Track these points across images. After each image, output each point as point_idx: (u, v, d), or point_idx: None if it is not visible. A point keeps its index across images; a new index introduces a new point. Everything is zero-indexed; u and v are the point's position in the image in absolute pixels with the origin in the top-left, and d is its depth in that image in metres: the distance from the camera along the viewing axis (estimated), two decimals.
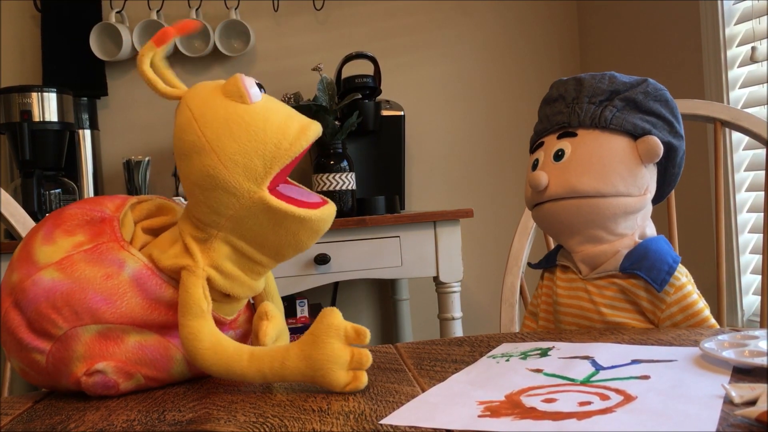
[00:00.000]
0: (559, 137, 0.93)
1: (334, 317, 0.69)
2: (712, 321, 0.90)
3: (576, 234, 0.91)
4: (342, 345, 0.68)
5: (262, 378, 0.69)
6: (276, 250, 0.75)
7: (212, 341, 0.70)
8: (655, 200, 0.97)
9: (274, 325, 0.78)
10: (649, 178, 0.91)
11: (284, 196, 0.73)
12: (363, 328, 0.69)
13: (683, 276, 0.90)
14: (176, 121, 0.74)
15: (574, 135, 0.91)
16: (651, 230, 0.94)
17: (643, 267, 0.88)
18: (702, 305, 0.90)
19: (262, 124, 0.71)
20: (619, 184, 0.89)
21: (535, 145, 0.96)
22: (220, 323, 0.77)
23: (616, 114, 0.90)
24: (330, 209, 0.75)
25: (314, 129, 0.74)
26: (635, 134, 0.90)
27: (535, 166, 0.94)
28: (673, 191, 1.04)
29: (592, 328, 0.91)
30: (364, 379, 0.69)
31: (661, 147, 0.89)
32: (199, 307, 0.71)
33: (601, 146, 0.90)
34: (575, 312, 0.93)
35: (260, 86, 0.76)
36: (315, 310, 2.21)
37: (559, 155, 0.91)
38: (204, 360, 0.70)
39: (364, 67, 2.28)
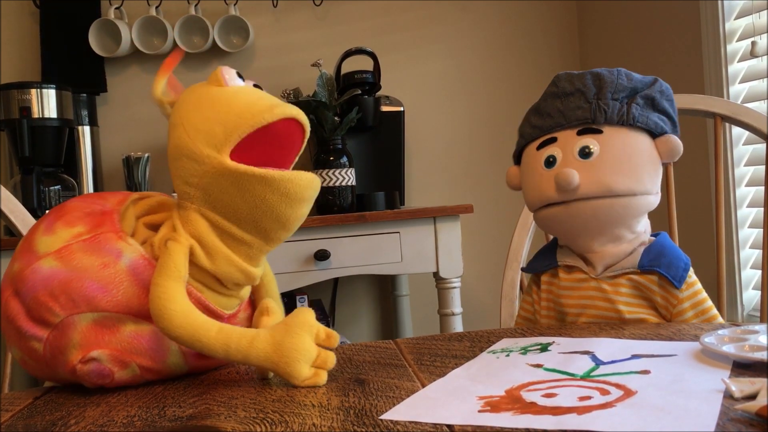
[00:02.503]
0: (580, 133, 0.90)
1: (309, 315, 0.71)
2: (720, 319, 0.91)
3: (600, 234, 0.90)
4: (312, 341, 0.70)
5: (225, 353, 0.69)
6: (253, 222, 0.74)
7: (184, 305, 0.70)
8: None
9: (275, 320, 0.78)
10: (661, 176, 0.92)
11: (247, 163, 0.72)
12: (334, 332, 0.72)
13: (693, 274, 0.91)
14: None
15: (599, 132, 0.89)
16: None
17: (662, 264, 0.89)
18: (711, 303, 0.91)
19: (229, 98, 0.74)
20: (647, 182, 0.89)
21: (543, 141, 0.93)
22: (218, 316, 0.77)
23: (641, 112, 0.90)
24: (302, 173, 0.73)
25: (284, 109, 0.73)
26: (655, 133, 0.91)
27: (551, 163, 0.90)
28: (673, 186, 1.05)
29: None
30: (323, 377, 0.70)
31: (682, 147, 0.90)
32: (177, 270, 0.71)
33: (629, 144, 0.89)
34: (590, 312, 0.91)
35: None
36: (315, 306, 2.21)
37: (586, 153, 0.88)
38: (171, 321, 0.69)
39: (363, 63, 2.28)
